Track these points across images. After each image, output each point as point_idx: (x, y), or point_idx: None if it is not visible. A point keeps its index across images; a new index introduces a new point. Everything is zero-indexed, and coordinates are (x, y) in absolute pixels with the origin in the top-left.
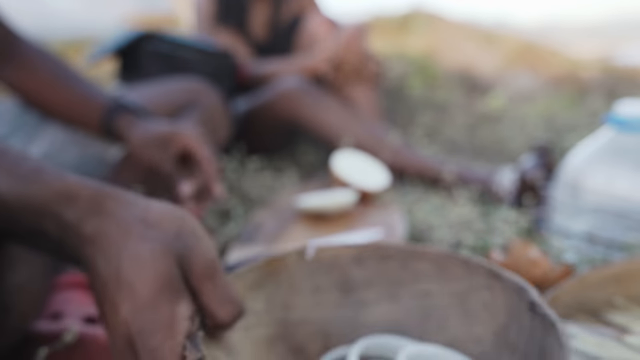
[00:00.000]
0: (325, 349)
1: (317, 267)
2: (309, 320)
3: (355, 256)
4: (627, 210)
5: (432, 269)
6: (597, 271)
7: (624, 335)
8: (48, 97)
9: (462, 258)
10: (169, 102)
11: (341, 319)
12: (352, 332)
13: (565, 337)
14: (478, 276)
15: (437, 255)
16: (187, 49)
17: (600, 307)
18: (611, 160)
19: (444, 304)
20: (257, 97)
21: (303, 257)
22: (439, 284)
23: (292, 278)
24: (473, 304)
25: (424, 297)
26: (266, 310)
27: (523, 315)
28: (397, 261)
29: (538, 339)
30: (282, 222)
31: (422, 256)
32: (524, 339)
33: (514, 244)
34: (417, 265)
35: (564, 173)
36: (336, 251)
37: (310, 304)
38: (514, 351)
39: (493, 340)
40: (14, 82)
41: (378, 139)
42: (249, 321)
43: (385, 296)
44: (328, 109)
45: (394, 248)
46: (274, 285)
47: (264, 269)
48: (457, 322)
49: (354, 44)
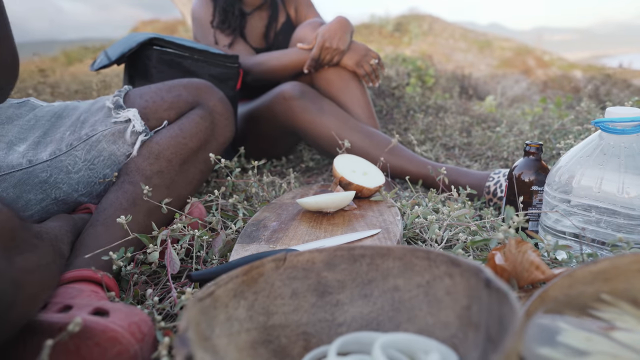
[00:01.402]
0: (306, 350)
1: (293, 273)
2: (289, 324)
3: (327, 260)
4: (616, 211)
5: (399, 266)
6: (585, 267)
7: (612, 330)
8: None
9: (423, 252)
10: (173, 98)
11: (319, 321)
12: (331, 332)
13: (515, 303)
14: (439, 266)
15: (402, 252)
16: (193, 52)
17: (588, 303)
18: (601, 162)
19: (412, 296)
20: (256, 101)
21: (279, 265)
22: (405, 279)
23: (271, 285)
24: (437, 292)
25: (393, 292)
26: (248, 317)
27: (481, 293)
28: (366, 262)
29: (496, 312)
30: (283, 222)
31: (388, 254)
32: (485, 315)
33: (509, 244)
34: (384, 264)
35: (556, 174)
36: (309, 256)
37: (289, 308)
38: (478, 328)
39: (458, 322)
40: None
41: (374, 141)
42: (233, 328)
43: (358, 296)
44: (324, 111)
45: (361, 249)
46: (254, 292)
47: (243, 278)
48: (425, 311)
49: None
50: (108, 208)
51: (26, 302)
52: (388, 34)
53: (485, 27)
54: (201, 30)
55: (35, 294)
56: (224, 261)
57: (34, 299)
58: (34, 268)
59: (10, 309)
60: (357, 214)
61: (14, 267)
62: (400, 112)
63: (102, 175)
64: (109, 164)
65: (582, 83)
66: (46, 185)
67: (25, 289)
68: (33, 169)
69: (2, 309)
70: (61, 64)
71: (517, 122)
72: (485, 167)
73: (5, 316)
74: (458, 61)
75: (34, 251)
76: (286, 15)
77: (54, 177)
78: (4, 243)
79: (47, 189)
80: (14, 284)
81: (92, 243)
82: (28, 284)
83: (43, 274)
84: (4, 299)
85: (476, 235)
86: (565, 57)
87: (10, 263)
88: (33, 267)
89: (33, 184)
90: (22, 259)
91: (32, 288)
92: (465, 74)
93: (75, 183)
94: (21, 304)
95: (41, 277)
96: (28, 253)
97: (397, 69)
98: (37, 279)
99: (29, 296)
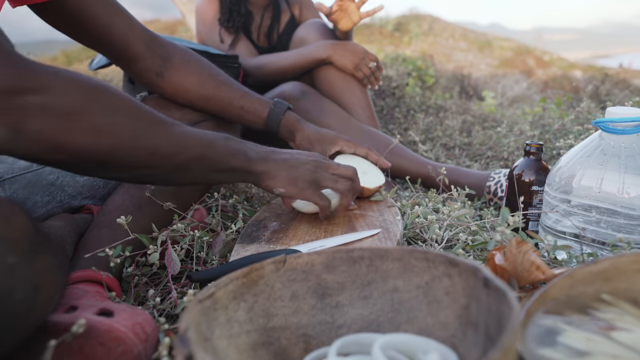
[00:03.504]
0: (307, 352)
1: (292, 275)
2: (289, 326)
3: (326, 262)
4: (616, 211)
5: (398, 267)
6: (585, 268)
7: (612, 330)
8: (210, 94)
9: (422, 253)
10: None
11: (319, 323)
12: (331, 334)
13: (513, 301)
14: (438, 266)
15: (401, 253)
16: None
17: (588, 303)
18: (601, 162)
19: (411, 296)
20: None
21: (279, 267)
22: (404, 280)
23: (271, 287)
24: (436, 293)
25: (392, 294)
26: (248, 319)
27: (479, 292)
28: (365, 263)
29: (494, 311)
30: (283, 222)
31: (387, 256)
32: (484, 314)
33: (510, 244)
34: (383, 265)
35: (556, 174)
36: (309, 258)
37: (289, 310)
38: (477, 327)
39: (457, 322)
40: (174, 83)
41: (374, 140)
42: (233, 330)
43: (358, 297)
44: (325, 112)
45: (360, 251)
46: (254, 294)
47: (243, 280)
48: (424, 311)
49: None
50: (114, 211)
51: (43, 304)
52: (388, 34)
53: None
54: (205, 27)
55: (52, 296)
56: (224, 262)
57: (50, 301)
58: (49, 269)
59: (30, 312)
60: (357, 213)
61: (33, 270)
62: (401, 112)
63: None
64: None
65: (583, 83)
66: (53, 188)
67: (42, 291)
68: (42, 170)
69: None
70: (61, 64)
71: (518, 122)
72: (485, 167)
73: (26, 319)
74: (458, 61)
75: (47, 252)
76: (290, 15)
77: (61, 179)
78: (23, 246)
79: (54, 191)
80: (34, 288)
81: (96, 245)
82: (45, 285)
83: (57, 275)
84: (25, 302)
85: (476, 235)
86: (565, 57)
87: (29, 266)
88: (48, 269)
89: (41, 185)
90: (39, 260)
91: (48, 290)
92: (465, 74)
93: (80, 186)
94: (40, 307)
95: (55, 278)
96: (43, 254)
97: (398, 69)
98: (52, 280)
99: (46, 298)
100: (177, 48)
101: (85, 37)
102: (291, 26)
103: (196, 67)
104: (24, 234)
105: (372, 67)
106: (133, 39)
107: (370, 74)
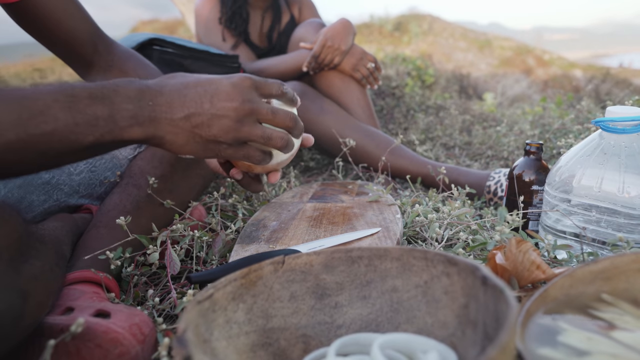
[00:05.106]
0: (306, 352)
1: (291, 276)
2: (288, 326)
3: (325, 263)
4: (616, 210)
5: (396, 266)
6: (585, 267)
7: (612, 330)
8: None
9: (421, 252)
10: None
11: (318, 323)
12: (330, 335)
13: (511, 298)
14: (436, 266)
15: (399, 253)
16: (193, 52)
17: (588, 303)
18: (601, 161)
19: (410, 296)
20: None
21: (278, 268)
22: (403, 279)
23: (269, 288)
24: (435, 292)
25: (391, 293)
26: (247, 320)
27: (478, 291)
28: (364, 263)
29: (492, 309)
30: (283, 221)
31: (385, 255)
32: (482, 313)
33: (510, 244)
34: (382, 265)
35: (556, 174)
36: (307, 259)
37: (288, 311)
38: (476, 326)
39: (456, 321)
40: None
41: (374, 140)
42: (232, 331)
43: (357, 297)
44: (325, 111)
45: (359, 251)
46: (252, 295)
47: (241, 281)
48: (424, 311)
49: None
50: (112, 210)
51: (33, 310)
52: (388, 34)
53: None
54: (206, 27)
55: (42, 301)
56: (223, 261)
57: (40, 307)
58: (39, 274)
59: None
60: (357, 212)
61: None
62: (401, 112)
63: (103, 177)
64: (110, 166)
65: (583, 82)
66: (48, 187)
67: (32, 297)
68: None
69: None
70: (61, 64)
71: (518, 121)
72: (485, 167)
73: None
74: (458, 61)
75: (38, 256)
76: (290, 15)
77: (56, 178)
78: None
79: (50, 190)
80: (22, 295)
81: (95, 245)
82: (34, 291)
83: (48, 279)
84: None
85: (477, 234)
86: (565, 56)
87: (17, 273)
88: (38, 274)
89: (36, 184)
90: (28, 266)
91: (38, 296)
92: (464, 74)
93: (77, 184)
94: (29, 314)
95: (46, 282)
96: (33, 259)
97: (397, 69)
98: (42, 285)
99: (36, 304)
100: (119, 46)
101: (47, 38)
102: (291, 26)
103: (136, 60)
104: (11, 239)
105: (370, 68)
106: (88, 40)
107: (368, 74)
